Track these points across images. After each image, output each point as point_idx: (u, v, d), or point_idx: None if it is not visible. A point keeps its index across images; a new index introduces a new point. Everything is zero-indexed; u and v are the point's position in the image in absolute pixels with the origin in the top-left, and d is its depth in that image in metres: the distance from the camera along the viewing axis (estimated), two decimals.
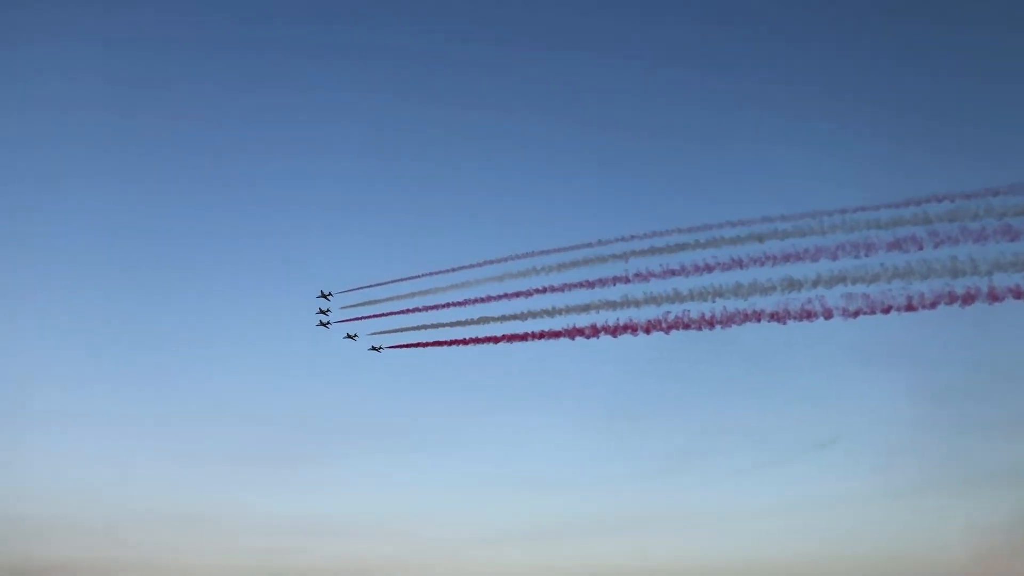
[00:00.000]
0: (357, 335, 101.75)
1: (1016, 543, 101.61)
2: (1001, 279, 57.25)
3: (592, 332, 76.53)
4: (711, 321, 69.58)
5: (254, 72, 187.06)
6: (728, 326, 68.88)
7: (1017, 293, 56.89)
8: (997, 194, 58.42)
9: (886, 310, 62.20)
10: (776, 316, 66.55)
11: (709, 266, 70.13)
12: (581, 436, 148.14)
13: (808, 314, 65.11)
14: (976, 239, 58.61)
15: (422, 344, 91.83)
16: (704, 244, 71.10)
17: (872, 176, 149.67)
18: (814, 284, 64.85)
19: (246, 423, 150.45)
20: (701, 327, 70.09)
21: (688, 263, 71.37)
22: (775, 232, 67.33)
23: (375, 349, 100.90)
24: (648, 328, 72.93)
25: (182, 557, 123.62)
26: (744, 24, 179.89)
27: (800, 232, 66.03)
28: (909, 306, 61.20)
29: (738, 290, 68.09)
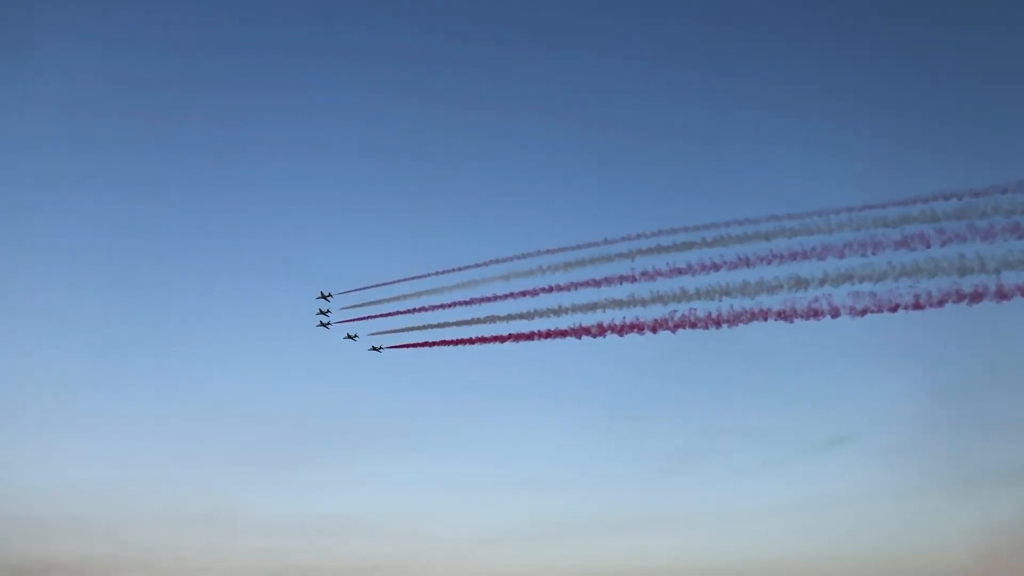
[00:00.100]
0: (357, 335, 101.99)
1: (1020, 543, 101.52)
2: (1009, 277, 57.06)
3: (598, 331, 76.52)
4: (718, 320, 69.52)
5: (254, 72, 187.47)
6: (735, 325, 68.84)
7: None
8: (1005, 192, 58.23)
9: (893, 309, 62.05)
10: (783, 315, 66.45)
11: (716, 265, 70.05)
12: (584, 436, 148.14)
13: (815, 313, 65.00)
14: (984, 237, 58.40)
15: (428, 344, 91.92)
16: (711, 243, 71.06)
17: (879, 174, 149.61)
18: (821, 283, 64.69)
19: (247, 423, 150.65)
20: (708, 326, 70.04)
21: (695, 262, 71.40)
22: (782, 231, 67.26)
23: (375, 349, 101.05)
24: (655, 327, 72.91)
25: (182, 556, 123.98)
26: (748, 24, 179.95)
27: (807, 230, 65.93)
28: (916, 304, 61.01)
29: (745, 289, 68.01)
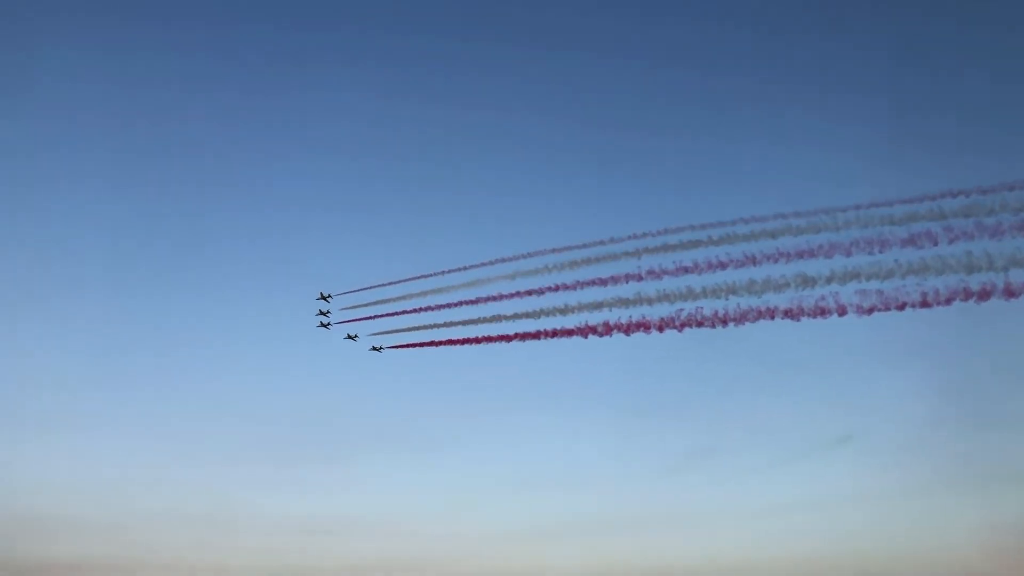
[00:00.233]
0: (357, 335, 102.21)
1: None
2: (1017, 275, 56.88)
3: (605, 330, 76.51)
4: (724, 319, 69.43)
5: (254, 73, 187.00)
6: (741, 323, 68.77)
7: None
8: (1012, 189, 58.06)
9: (901, 307, 61.94)
10: (790, 313, 66.37)
11: (722, 263, 69.94)
12: (590, 435, 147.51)
13: (822, 311, 64.89)
14: (992, 234, 58.27)
15: (434, 343, 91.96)
16: (717, 241, 70.96)
17: (885, 172, 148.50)
18: (828, 281, 64.58)
19: (247, 423, 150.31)
20: (714, 325, 69.97)
21: (701, 260, 71.30)
22: (788, 229, 67.14)
23: (376, 349, 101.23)
24: (661, 326, 72.87)
25: (183, 556, 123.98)
26: (752, 23, 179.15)
27: (814, 228, 65.80)
28: (924, 302, 60.89)
29: (751, 287, 67.94)
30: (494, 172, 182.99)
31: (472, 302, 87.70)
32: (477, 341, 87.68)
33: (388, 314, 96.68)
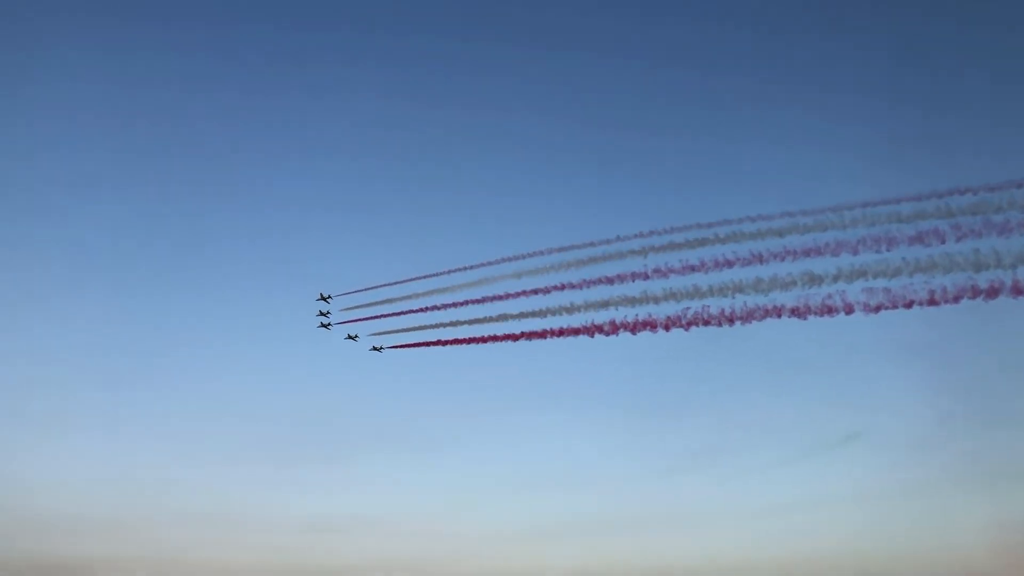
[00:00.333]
0: (358, 336, 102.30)
1: None
2: None
3: (611, 329, 76.45)
4: (731, 317, 69.31)
5: (254, 74, 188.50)
6: (748, 322, 68.61)
7: None
8: (1020, 187, 57.78)
9: (908, 305, 61.69)
10: (796, 312, 66.21)
11: (729, 262, 69.84)
12: (597, 434, 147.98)
13: (829, 309, 64.72)
14: (1000, 232, 58.02)
15: (441, 342, 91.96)
16: (724, 239, 70.79)
17: (893, 170, 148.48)
18: (835, 279, 64.37)
19: (251, 423, 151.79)
20: (721, 323, 69.83)
21: (708, 259, 71.14)
22: (795, 227, 66.98)
23: (376, 349, 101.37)
24: (667, 325, 72.76)
25: (187, 555, 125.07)
26: (752, 24, 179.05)
27: (821, 227, 65.62)
28: (931, 301, 60.64)
29: (758, 285, 67.82)
30: (494, 172, 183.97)
31: (478, 301, 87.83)
32: (483, 340, 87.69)
33: (391, 314, 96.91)
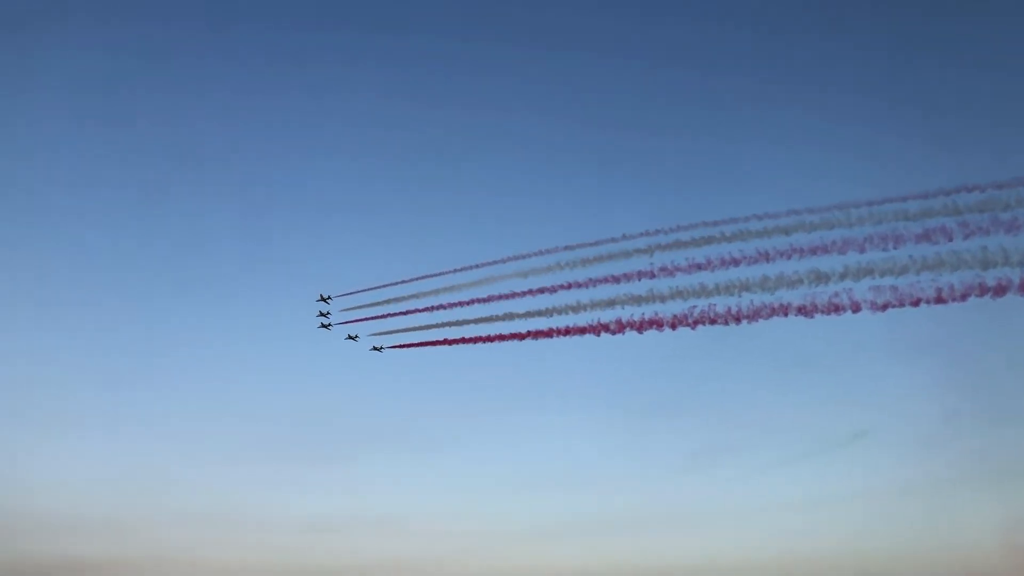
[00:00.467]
0: (358, 336, 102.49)
1: None
2: None
3: (618, 327, 76.43)
4: (737, 316, 69.23)
5: (254, 75, 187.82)
6: (754, 320, 68.53)
7: None
8: None
9: (915, 303, 61.47)
10: (803, 310, 66.09)
11: (735, 260, 69.74)
12: (602, 433, 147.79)
13: (836, 307, 64.58)
14: (1007, 230, 57.78)
15: (447, 341, 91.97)
16: (730, 238, 70.62)
17: (900, 168, 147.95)
18: (842, 277, 64.20)
19: (251, 423, 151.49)
20: (727, 322, 69.76)
21: (714, 257, 71.00)
22: (802, 225, 66.82)
23: (376, 349, 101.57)
24: (674, 323, 72.68)
25: (187, 555, 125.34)
26: (752, 24, 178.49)
27: (827, 224, 65.45)
28: (939, 299, 60.41)
29: (765, 284, 67.71)
30: (495, 172, 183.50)
31: (483, 300, 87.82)
32: (489, 340, 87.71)
33: (392, 314, 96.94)
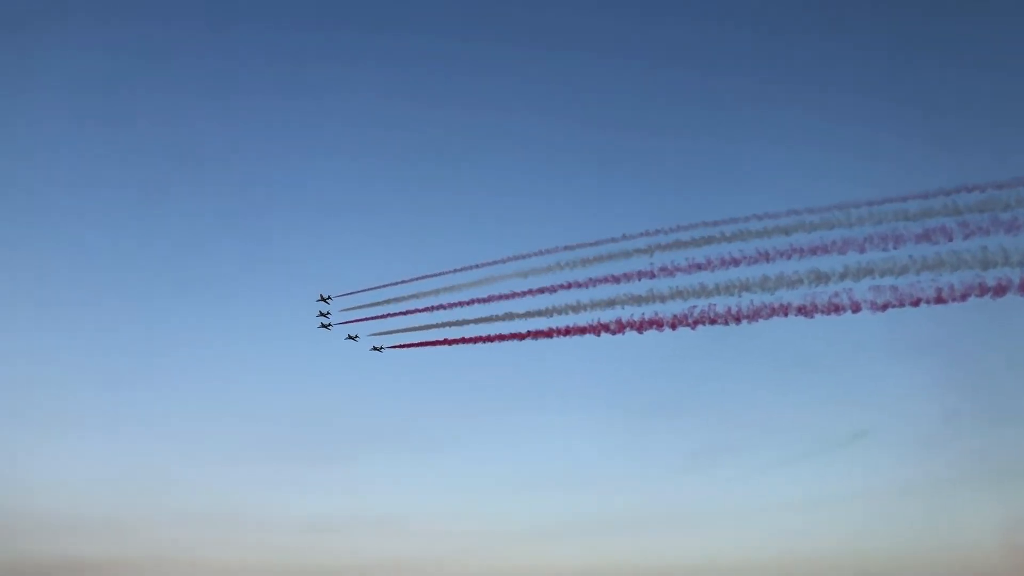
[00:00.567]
0: (358, 336, 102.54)
1: None
2: None
3: (617, 327, 76.41)
4: (737, 316, 69.22)
5: (254, 75, 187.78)
6: (754, 320, 68.51)
7: None
8: None
9: (915, 303, 61.43)
10: (803, 310, 66.07)
11: (735, 260, 69.71)
12: (602, 434, 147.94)
13: (836, 307, 64.55)
14: (1008, 230, 57.73)
15: (447, 341, 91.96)
16: (730, 237, 70.59)
17: (900, 168, 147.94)
18: (842, 277, 64.17)
19: (251, 423, 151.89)
20: (727, 322, 69.74)
21: (714, 257, 70.97)
22: (802, 225, 66.79)
23: (376, 349, 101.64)
24: (674, 323, 72.66)
25: (188, 555, 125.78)
26: (753, 24, 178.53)
27: (827, 224, 65.42)
28: (939, 299, 60.37)
29: (764, 284, 67.69)
30: (495, 172, 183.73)
31: (483, 300, 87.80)
32: (489, 340, 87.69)
33: (393, 314, 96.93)
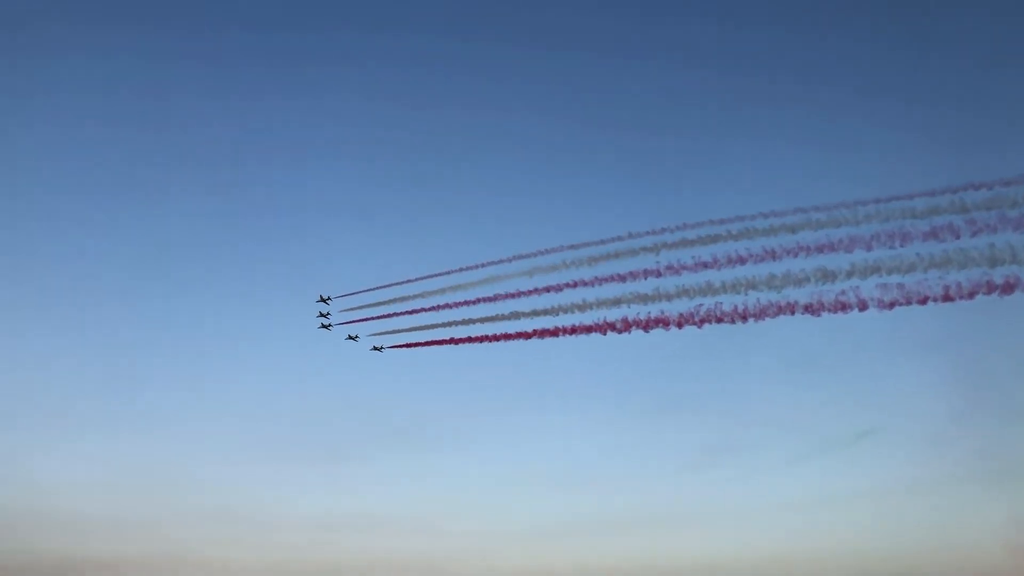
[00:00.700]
0: (358, 336, 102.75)
1: None
2: None
3: (624, 326, 76.42)
4: (744, 314, 69.19)
5: (254, 76, 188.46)
6: (761, 319, 68.47)
7: None
8: None
9: (922, 301, 61.35)
10: (810, 308, 66.02)
11: (742, 258, 69.67)
12: (610, 432, 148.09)
13: (843, 306, 64.51)
14: (1015, 227, 57.65)
15: (453, 341, 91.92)
16: (736, 236, 70.54)
17: (906, 165, 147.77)
18: (848, 275, 64.12)
19: (252, 423, 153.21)
20: (734, 320, 69.70)
21: (720, 255, 70.91)
22: (808, 223, 66.73)
23: (376, 349, 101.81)
24: (680, 322, 72.65)
25: (193, 554, 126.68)
26: (752, 24, 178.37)
27: (834, 222, 65.36)
28: (946, 296, 60.30)
29: (771, 282, 67.63)
30: (495, 172, 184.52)
31: (489, 299, 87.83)
32: (495, 339, 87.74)
33: (397, 314, 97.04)
